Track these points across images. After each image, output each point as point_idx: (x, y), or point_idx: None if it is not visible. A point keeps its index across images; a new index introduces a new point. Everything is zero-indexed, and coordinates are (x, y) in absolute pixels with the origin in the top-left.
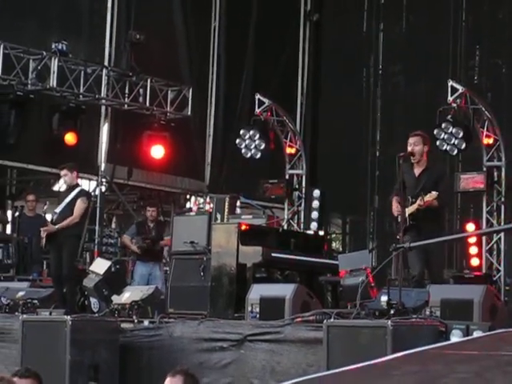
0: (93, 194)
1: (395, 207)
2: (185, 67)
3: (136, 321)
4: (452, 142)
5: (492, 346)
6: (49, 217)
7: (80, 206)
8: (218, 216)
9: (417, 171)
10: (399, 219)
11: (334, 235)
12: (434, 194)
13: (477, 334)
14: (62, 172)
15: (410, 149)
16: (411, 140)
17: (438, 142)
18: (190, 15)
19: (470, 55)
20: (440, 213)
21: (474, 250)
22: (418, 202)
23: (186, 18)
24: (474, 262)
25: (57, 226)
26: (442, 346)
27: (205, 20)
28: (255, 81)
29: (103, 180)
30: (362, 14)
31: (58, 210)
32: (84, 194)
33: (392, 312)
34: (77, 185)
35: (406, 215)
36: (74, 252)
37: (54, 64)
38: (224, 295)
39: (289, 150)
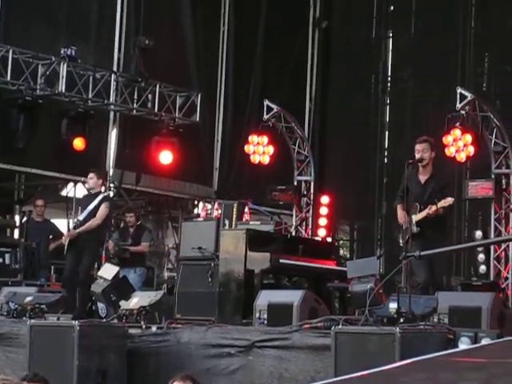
0: None
1: (401, 215)
2: (193, 73)
3: (144, 326)
4: (461, 148)
5: (501, 353)
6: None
7: (103, 210)
8: (226, 222)
9: (422, 178)
10: (404, 227)
11: (341, 242)
12: (450, 199)
13: (485, 341)
14: (90, 175)
15: (418, 156)
16: (419, 147)
17: (446, 149)
18: (199, 21)
19: (478, 62)
20: (445, 221)
21: (481, 257)
22: (428, 210)
23: (195, 23)
24: (482, 269)
25: (78, 230)
26: (451, 354)
27: (213, 26)
28: (264, 87)
29: (111, 185)
30: (371, 20)
31: (81, 217)
32: (108, 199)
33: (401, 320)
34: (99, 192)
35: (414, 222)
36: (93, 258)
37: (63, 69)
38: (232, 301)
39: (297, 157)
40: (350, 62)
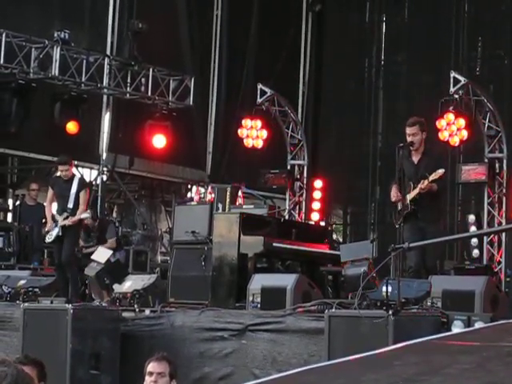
0: (94, 182)
1: (394, 193)
2: (187, 56)
3: (137, 310)
4: (454, 133)
5: (493, 336)
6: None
7: None
8: (220, 206)
9: (415, 158)
10: (398, 207)
11: (335, 226)
12: (441, 171)
13: (478, 325)
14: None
15: (409, 139)
16: (409, 130)
17: (439, 133)
18: (193, 4)
19: (472, 46)
20: (439, 201)
21: (474, 241)
22: (420, 185)
23: (189, 6)
24: (475, 253)
25: None
26: (444, 337)
27: (207, 9)
28: (257, 70)
29: (104, 169)
30: (365, 4)
31: None
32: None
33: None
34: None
35: (408, 201)
36: None
37: (56, 53)
38: (225, 285)
39: (291, 141)
40: (344, 45)
